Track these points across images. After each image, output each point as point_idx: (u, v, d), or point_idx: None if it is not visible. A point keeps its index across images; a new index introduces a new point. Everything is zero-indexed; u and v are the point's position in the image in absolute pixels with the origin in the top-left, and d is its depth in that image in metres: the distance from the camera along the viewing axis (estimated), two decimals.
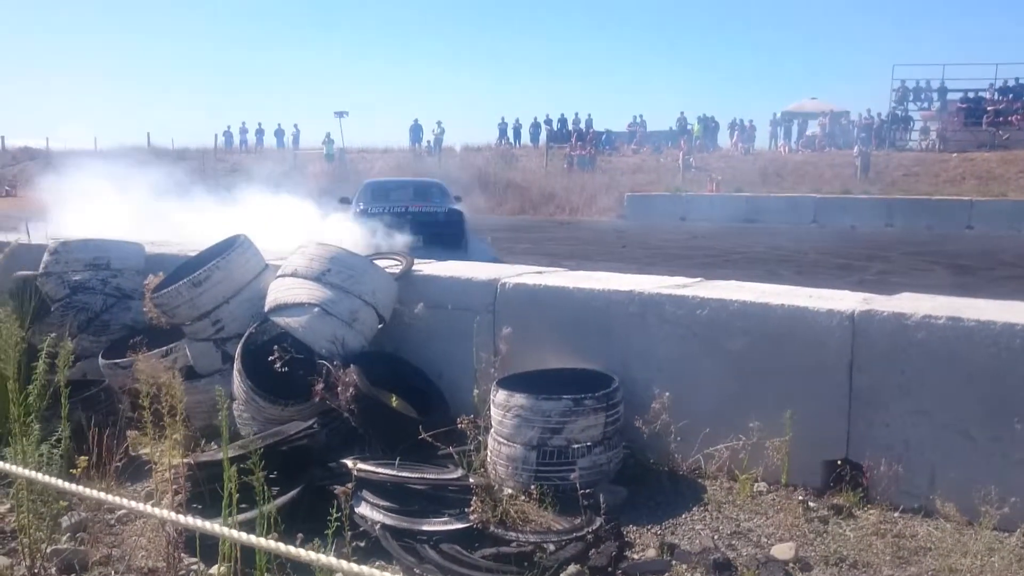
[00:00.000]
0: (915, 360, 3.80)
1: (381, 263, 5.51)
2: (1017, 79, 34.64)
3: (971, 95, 35.02)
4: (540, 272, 5.34)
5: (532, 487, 3.98)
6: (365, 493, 3.72)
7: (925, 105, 36.04)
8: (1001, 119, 32.85)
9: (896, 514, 3.81)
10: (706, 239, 19.34)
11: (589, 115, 39.40)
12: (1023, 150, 29.32)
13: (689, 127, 37.44)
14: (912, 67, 37.80)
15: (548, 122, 40.20)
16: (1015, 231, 20.56)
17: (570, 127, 39.01)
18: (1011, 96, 34.17)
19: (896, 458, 3.83)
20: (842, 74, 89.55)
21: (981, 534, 3.40)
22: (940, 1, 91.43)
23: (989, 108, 33.74)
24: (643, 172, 32.53)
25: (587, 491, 3.79)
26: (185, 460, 3.77)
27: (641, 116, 39.62)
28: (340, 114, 37.06)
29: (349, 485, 3.46)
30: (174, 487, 3.28)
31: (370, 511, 3.66)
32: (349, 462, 3.90)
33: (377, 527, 3.59)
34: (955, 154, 30.33)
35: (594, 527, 3.66)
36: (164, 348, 5.26)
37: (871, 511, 3.83)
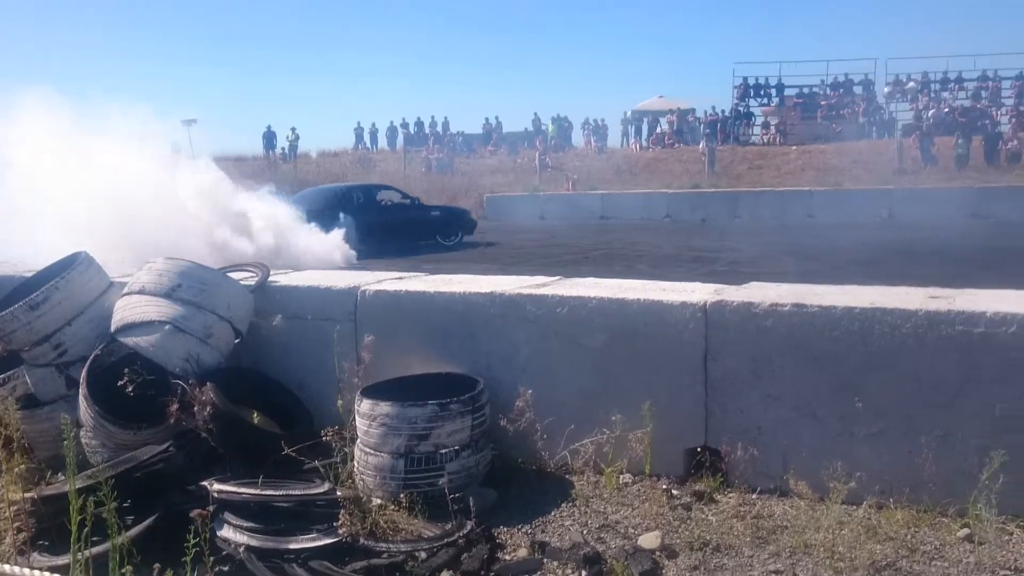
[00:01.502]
0: (764, 347, 3.97)
1: (236, 275, 5.33)
2: (847, 75, 36.84)
3: (806, 91, 37.01)
4: (400, 278, 5.29)
5: (401, 495, 3.94)
6: (227, 515, 3.59)
7: (765, 101, 37.83)
8: (834, 113, 34.84)
9: (754, 496, 3.97)
10: (565, 237, 19.68)
11: (445, 117, 39.56)
12: (854, 141, 31.17)
13: (544, 127, 38.03)
14: (752, 65, 39.65)
15: (405, 125, 40.07)
16: (850, 218, 21.83)
17: (427, 130, 38.97)
18: (841, 91, 36.29)
19: (751, 442, 3.99)
20: (688, 73, 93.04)
21: (832, 509, 3.57)
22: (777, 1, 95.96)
23: (823, 103, 35.73)
24: (501, 173, 32.78)
25: (457, 496, 3.78)
26: (28, 495, 3.54)
27: (496, 118, 40.00)
28: (188, 122, 35.67)
29: (208, 508, 3.32)
30: (16, 525, 3.07)
31: (233, 533, 3.53)
32: (208, 484, 3.75)
33: (241, 549, 3.47)
34: (794, 147, 31.96)
35: (465, 531, 3.65)
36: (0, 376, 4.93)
37: (731, 495, 3.98)
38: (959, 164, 27.23)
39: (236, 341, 4.90)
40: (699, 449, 4.14)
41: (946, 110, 32.84)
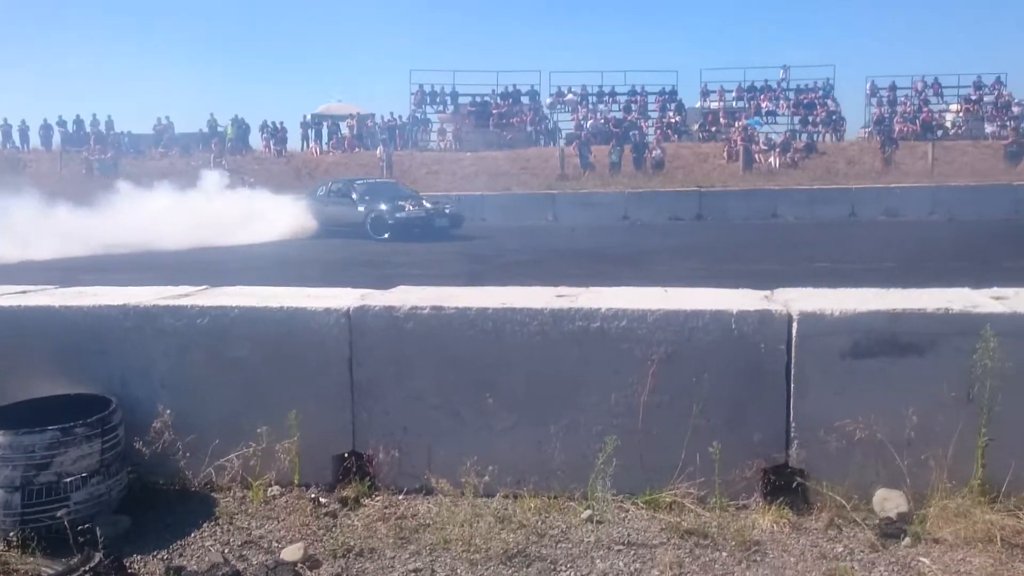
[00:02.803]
0: (407, 349, 4.04)
1: None
2: (515, 85, 38.93)
3: (479, 99, 38.63)
4: (24, 292, 4.78)
5: (12, 534, 3.55)
6: None
7: (441, 108, 39.00)
8: (504, 121, 36.68)
9: (400, 497, 4.02)
10: None
11: (109, 116, 36.69)
12: (524, 148, 33.03)
13: (221, 129, 36.45)
14: (427, 72, 40.75)
15: (62, 124, 36.63)
16: (519, 221, 23.25)
17: (88, 129, 35.92)
18: (511, 100, 38.28)
19: (396, 444, 4.05)
20: (367, 78, 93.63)
21: (469, 502, 3.71)
22: (453, 9, 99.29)
23: (494, 111, 37.49)
24: (173, 175, 30.94)
25: (85, 526, 3.47)
26: None
27: (168, 117, 37.71)
28: None
29: None
30: None
31: None
32: None
33: None
34: (469, 153, 33.21)
35: (92, 564, 3.36)
36: None
37: (378, 498, 4.01)
38: (613, 170, 29.83)
39: None
40: (346, 454, 4.13)
41: (602, 121, 35.77)
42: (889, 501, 3.66)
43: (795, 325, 3.76)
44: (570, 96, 38.56)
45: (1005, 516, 3.50)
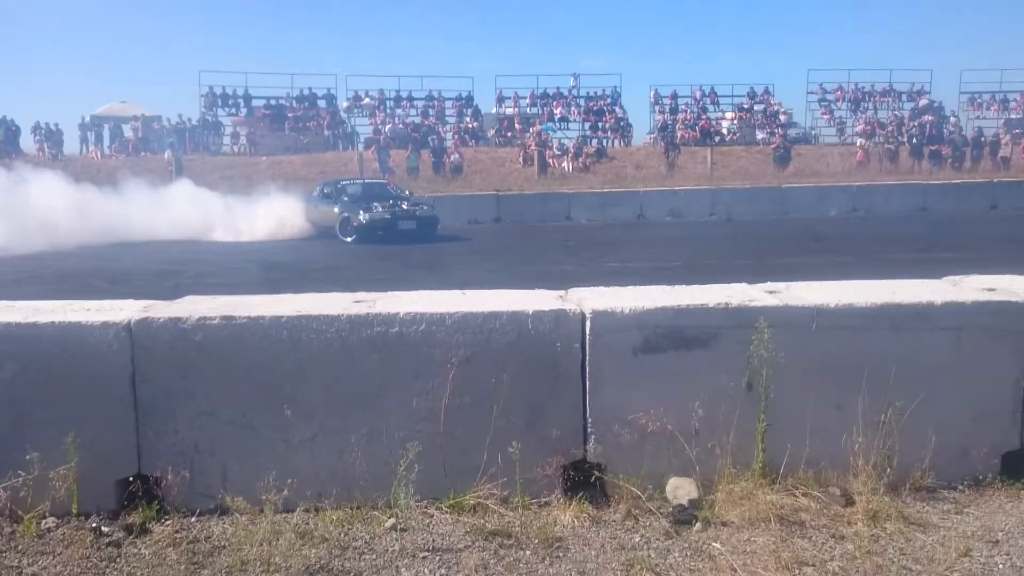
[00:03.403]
0: (196, 362, 3.83)
1: None
2: (311, 88, 38.14)
3: (273, 102, 37.54)
4: None
5: None
6: None
7: (234, 111, 37.60)
8: (301, 124, 35.87)
9: (193, 519, 3.80)
10: None
11: None
12: (321, 152, 32.42)
13: None
14: (218, 74, 39.12)
15: None
16: None
17: None
18: (307, 104, 37.47)
19: (188, 463, 3.83)
20: (152, 78, 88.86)
21: (267, 520, 3.56)
22: (244, 9, 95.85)
23: (290, 114, 36.57)
24: None
25: None
26: None
27: None
28: None
29: None
30: None
31: None
32: None
33: None
34: (265, 157, 32.23)
35: None
36: None
37: (167, 523, 3.77)
38: (411, 174, 29.85)
39: None
40: (131, 478, 3.86)
41: (400, 125, 35.69)
42: (681, 489, 3.82)
43: (588, 323, 3.86)
44: (367, 100, 38.22)
45: (784, 496, 3.75)
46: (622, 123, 38.37)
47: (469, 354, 3.83)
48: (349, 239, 19.98)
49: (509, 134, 36.36)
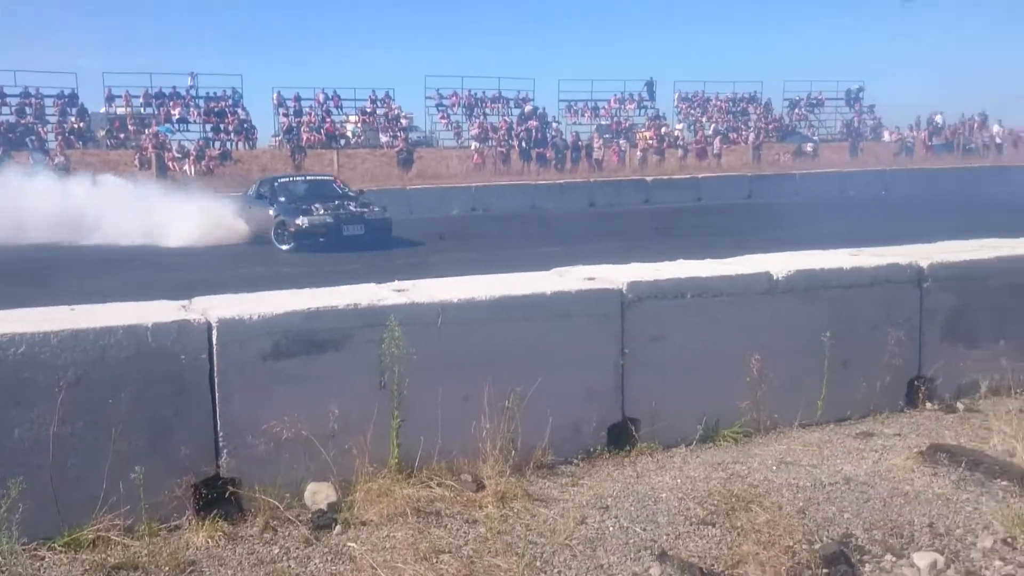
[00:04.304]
0: None
1: None
2: None
3: None
4: None
5: None
6: None
7: None
8: None
9: None
10: None
11: None
12: None
13: None
14: None
15: None
16: None
17: None
18: None
19: None
20: None
21: None
22: None
23: None
24: None
25: None
26: None
27: None
28: None
29: None
30: None
31: None
32: None
33: None
34: None
35: None
36: None
37: None
38: None
39: None
40: None
41: None
42: (319, 494, 3.79)
43: (215, 333, 3.69)
44: None
45: (420, 488, 3.86)
46: (246, 125, 37.20)
47: (80, 374, 3.49)
48: (285, 247, 16.94)
49: (122, 135, 33.76)
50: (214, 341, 3.70)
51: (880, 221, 17.65)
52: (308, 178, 21.09)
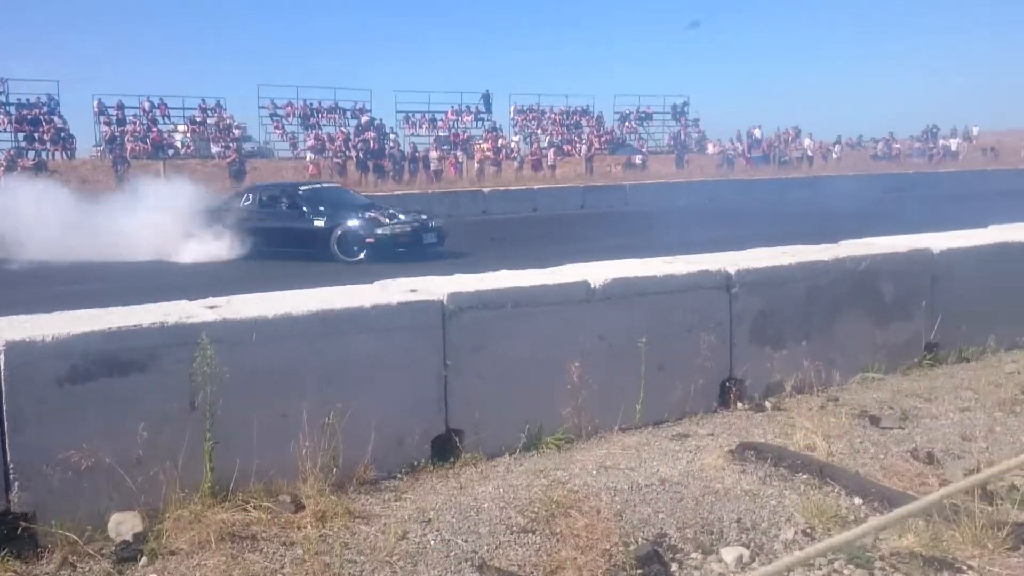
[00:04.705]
0: None
1: None
2: None
3: None
4: None
5: None
6: None
7: None
8: None
9: None
10: None
11: None
12: None
13: None
14: None
15: None
16: None
17: None
18: None
19: None
20: None
21: None
22: None
23: None
24: None
25: None
26: None
27: None
28: None
29: None
30: None
31: None
32: None
33: None
34: None
35: None
36: None
37: None
38: None
39: None
40: None
41: None
42: (124, 524, 3.58)
43: (2, 357, 3.43)
44: None
45: (235, 512, 3.71)
46: (63, 134, 35.08)
47: None
48: (357, 256, 15.38)
49: None
50: (1, 366, 3.43)
51: (704, 230, 18.45)
52: (323, 186, 19.92)
